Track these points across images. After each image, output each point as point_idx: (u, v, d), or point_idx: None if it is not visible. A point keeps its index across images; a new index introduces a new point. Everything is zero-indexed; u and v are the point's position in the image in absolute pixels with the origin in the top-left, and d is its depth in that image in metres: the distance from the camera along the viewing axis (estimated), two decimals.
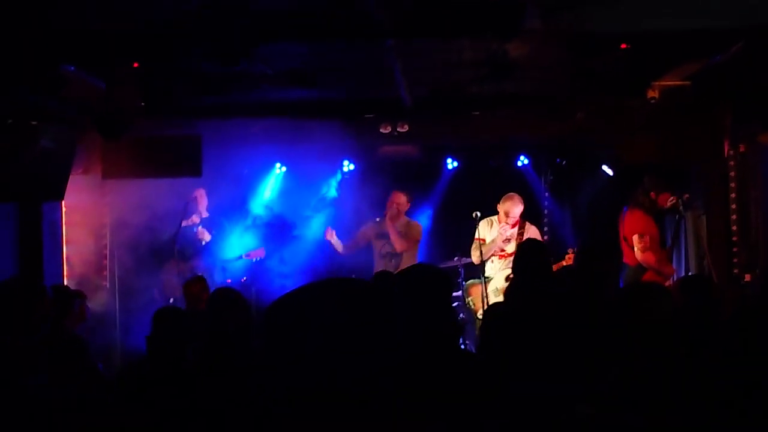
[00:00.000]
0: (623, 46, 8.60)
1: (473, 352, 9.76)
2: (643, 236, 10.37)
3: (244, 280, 12.22)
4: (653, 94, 10.20)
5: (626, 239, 10.42)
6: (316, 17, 7.63)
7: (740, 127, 10.95)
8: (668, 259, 10.93)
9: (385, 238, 11.66)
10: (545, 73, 10.02)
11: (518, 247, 8.60)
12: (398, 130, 11.69)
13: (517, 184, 13.24)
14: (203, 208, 12.06)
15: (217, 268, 11.92)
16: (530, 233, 11.14)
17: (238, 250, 12.37)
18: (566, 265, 10.62)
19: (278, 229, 13.12)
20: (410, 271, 5.20)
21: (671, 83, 10.24)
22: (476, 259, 11.10)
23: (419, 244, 11.53)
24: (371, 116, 11.75)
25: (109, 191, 12.13)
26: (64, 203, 11.35)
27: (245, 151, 12.19)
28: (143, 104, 9.48)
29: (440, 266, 10.41)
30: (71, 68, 8.73)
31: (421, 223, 12.04)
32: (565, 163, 13.27)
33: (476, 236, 11.18)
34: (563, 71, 9.99)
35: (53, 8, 7.36)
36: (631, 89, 10.19)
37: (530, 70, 9.49)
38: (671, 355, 4.45)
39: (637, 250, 10.16)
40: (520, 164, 13.46)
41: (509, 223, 11.10)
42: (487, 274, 11.23)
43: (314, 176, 13.35)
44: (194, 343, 6.42)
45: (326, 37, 8.10)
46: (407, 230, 11.53)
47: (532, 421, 4.35)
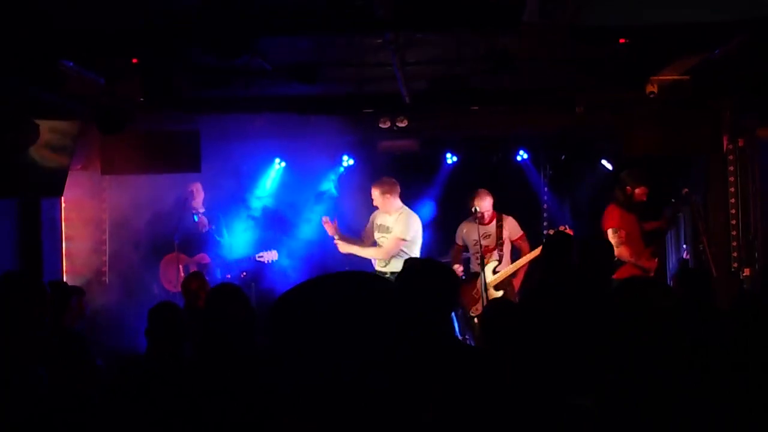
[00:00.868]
0: (622, 40, 8.60)
1: (473, 345, 9.78)
2: (617, 231, 10.63)
3: (243, 275, 12.21)
4: (652, 88, 10.20)
5: (604, 234, 10.55)
6: (315, 11, 7.63)
7: (739, 121, 10.97)
8: (652, 253, 11.01)
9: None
10: (544, 67, 10.01)
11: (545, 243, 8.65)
12: (397, 124, 11.68)
13: (516, 178, 13.27)
14: (199, 202, 12.05)
15: (218, 263, 11.91)
16: (508, 224, 11.43)
17: (244, 248, 12.37)
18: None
19: (277, 223, 13.13)
20: (417, 264, 5.19)
21: (670, 77, 10.24)
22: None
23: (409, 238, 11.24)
24: (370, 111, 11.74)
25: (108, 187, 12.14)
26: (63, 199, 11.37)
27: (245, 145, 12.20)
28: (142, 99, 9.46)
29: (440, 260, 10.45)
30: (70, 63, 8.72)
31: (421, 217, 11.94)
32: (564, 157, 13.28)
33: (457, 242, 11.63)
34: (562, 65, 10.00)
35: (53, 3, 7.35)
36: (630, 83, 10.19)
37: (529, 64, 9.49)
38: (668, 348, 4.45)
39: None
40: (519, 159, 13.45)
41: (484, 216, 11.27)
42: (473, 270, 11.32)
43: (313, 171, 13.36)
44: (193, 339, 6.42)
45: (325, 30, 8.09)
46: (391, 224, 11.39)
47: (534, 412, 4.36)
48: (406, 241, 10.75)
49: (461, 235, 11.47)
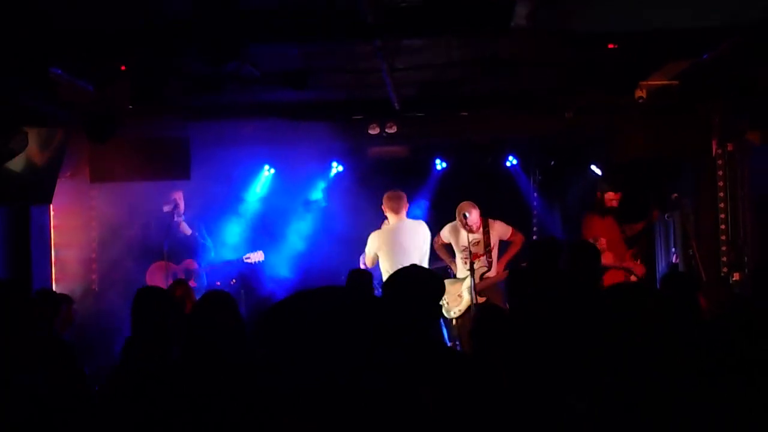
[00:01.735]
0: (610, 45, 8.61)
1: (462, 351, 9.78)
2: (596, 239, 10.62)
3: (233, 282, 12.21)
4: (641, 93, 10.23)
5: None
6: (304, 17, 7.63)
7: (728, 125, 10.98)
8: (633, 254, 11.06)
9: None
10: (534, 72, 10.02)
11: (531, 248, 8.63)
12: (387, 130, 11.67)
13: (505, 183, 13.27)
14: (181, 209, 12.03)
15: (205, 269, 11.90)
16: (495, 228, 11.34)
17: (232, 252, 12.36)
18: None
19: (265, 229, 13.12)
20: (403, 272, 5.19)
21: (659, 82, 10.27)
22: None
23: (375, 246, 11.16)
24: (360, 117, 11.73)
25: (97, 194, 12.11)
26: (52, 207, 11.33)
27: (234, 152, 12.18)
28: (131, 106, 9.45)
29: (429, 267, 10.46)
30: (59, 71, 8.70)
31: None
32: (553, 163, 13.29)
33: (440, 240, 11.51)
34: (551, 71, 10.01)
35: (42, 9, 7.33)
36: (619, 88, 10.19)
37: (519, 69, 9.49)
38: (660, 351, 4.45)
39: None
40: (508, 164, 13.46)
41: (471, 227, 11.14)
42: (459, 276, 11.28)
43: (303, 178, 13.35)
44: (180, 344, 6.39)
45: (314, 37, 8.08)
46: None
47: (528, 416, 4.35)
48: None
49: (446, 235, 11.42)
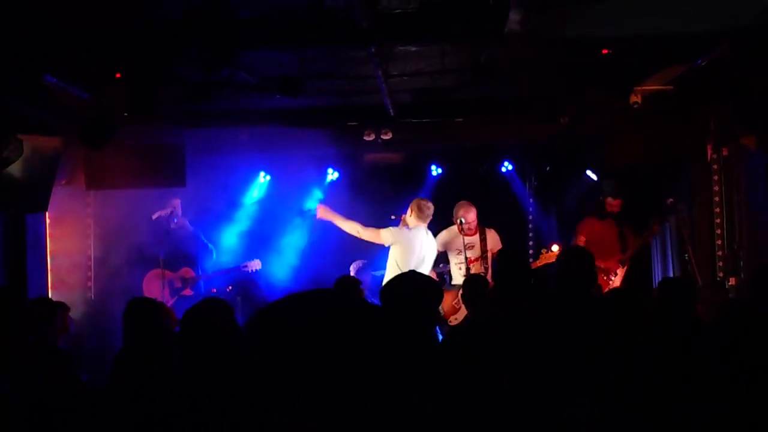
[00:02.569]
0: (605, 51, 8.62)
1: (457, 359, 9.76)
2: (577, 236, 11.42)
3: (229, 289, 12.20)
4: (636, 99, 10.24)
5: None
6: (297, 24, 7.63)
7: (724, 130, 10.99)
8: (623, 263, 11.14)
9: None
10: (528, 78, 10.03)
11: (497, 255, 8.60)
12: (382, 137, 11.69)
13: (501, 189, 13.27)
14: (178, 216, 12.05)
15: (203, 278, 11.90)
16: (491, 237, 11.24)
17: (229, 260, 12.38)
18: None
19: (261, 235, 13.12)
20: (400, 277, 5.20)
21: (654, 87, 10.28)
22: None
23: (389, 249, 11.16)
24: (355, 124, 11.74)
25: (93, 201, 12.11)
26: (48, 214, 11.31)
27: (230, 159, 12.18)
28: (126, 114, 9.45)
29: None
30: (54, 79, 8.69)
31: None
32: (549, 168, 13.30)
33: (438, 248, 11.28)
34: (546, 77, 10.01)
35: (36, 17, 7.33)
36: (614, 93, 10.20)
37: (513, 75, 9.49)
38: (654, 354, 4.45)
39: None
40: (504, 170, 13.46)
41: (466, 230, 11.04)
42: (454, 282, 11.25)
43: (299, 184, 13.33)
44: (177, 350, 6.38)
45: (308, 44, 8.09)
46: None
47: (525, 420, 4.34)
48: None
49: (442, 242, 11.37)
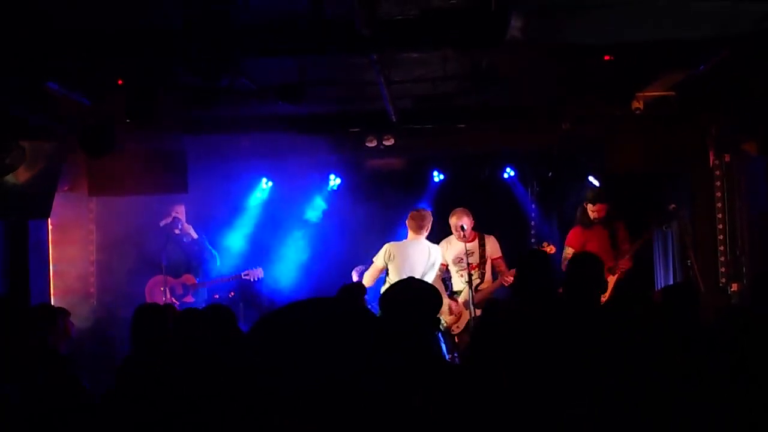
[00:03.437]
0: (606, 57, 8.63)
1: (458, 364, 9.76)
2: (565, 249, 11.37)
3: (231, 295, 12.22)
4: (638, 104, 10.24)
5: None
6: (297, 31, 7.64)
7: (725, 136, 10.98)
8: (613, 270, 11.11)
9: None
10: (530, 84, 10.03)
11: (519, 258, 8.55)
12: (384, 143, 11.71)
13: (503, 195, 13.28)
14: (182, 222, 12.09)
15: (206, 285, 11.92)
16: (490, 244, 11.26)
17: (230, 264, 12.40)
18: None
19: (263, 243, 13.13)
20: (401, 284, 5.21)
21: (655, 93, 10.28)
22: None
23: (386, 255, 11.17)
24: (357, 130, 11.76)
25: (95, 208, 12.12)
26: (50, 221, 11.32)
27: (232, 165, 12.19)
28: (128, 120, 9.47)
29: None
30: (55, 85, 8.71)
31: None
32: (551, 174, 13.28)
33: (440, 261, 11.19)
34: (548, 83, 10.02)
35: (36, 24, 7.35)
36: (616, 99, 10.20)
37: (514, 81, 9.51)
38: (652, 358, 4.46)
39: None
40: (506, 176, 13.46)
41: (463, 236, 11.03)
42: (455, 288, 11.25)
43: (301, 191, 13.35)
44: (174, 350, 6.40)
45: (308, 51, 8.10)
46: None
47: (525, 424, 4.35)
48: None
49: (443, 253, 11.32)
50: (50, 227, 11.50)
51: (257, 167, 12.84)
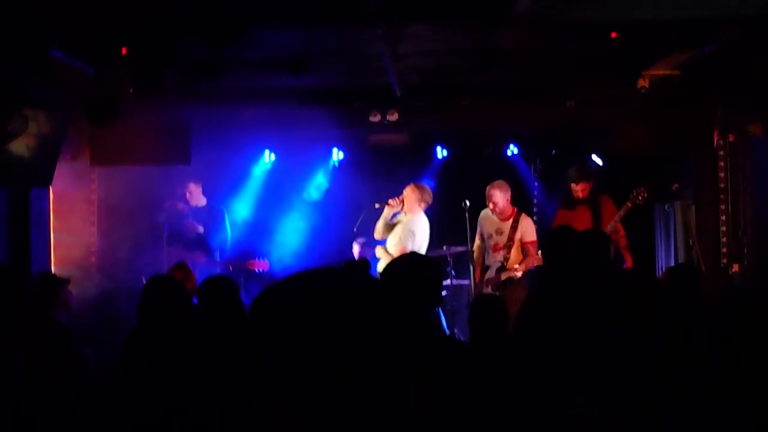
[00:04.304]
0: (613, 34, 8.58)
1: (462, 340, 9.77)
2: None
3: (231, 268, 12.16)
4: (643, 83, 10.18)
5: None
6: (305, 4, 7.60)
7: (730, 116, 10.96)
8: None
9: None
10: (535, 61, 10.00)
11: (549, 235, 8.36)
12: (388, 118, 11.67)
13: (506, 173, 13.22)
14: (198, 199, 12.06)
15: (210, 259, 11.89)
16: (523, 226, 10.78)
17: (233, 236, 12.42)
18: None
19: (266, 216, 13.13)
20: (402, 259, 5.22)
21: (661, 72, 10.23)
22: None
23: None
24: (361, 104, 11.72)
25: (97, 177, 12.09)
26: (51, 190, 11.29)
27: (235, 138, 12.16)
28: (132, 90, 9.43)
29: (428, 255, 10.41)
30: (59, 54, 8.67)
31: None
32: (555, 152, 13.26)
33: (478, 230, 11.05)
34: (553, 60, 9.98)
35: None
36: (621, 78, 10.15)
37: (520, 58, 9.47)
38: (658, 341, 4.45)
39: None
40: (509, 153, 13.43)
41: (497, 211, 10.74)
42: (486, 263, 11.00)
43: (304, 165, 13.33)
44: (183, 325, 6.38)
45: (315, 23, 8.06)
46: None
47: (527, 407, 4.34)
48: None
49: (480, 223, 11.05)
50: (52, 197, 11.46)
51: (261, 139, 12.79)
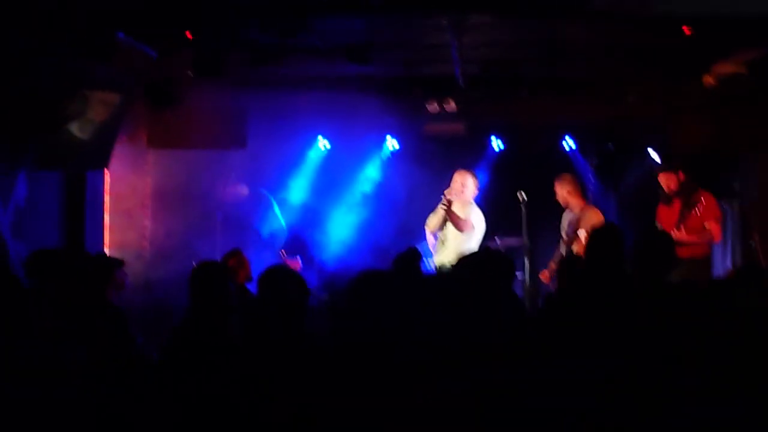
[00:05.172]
0: (687, 31, 8.43)
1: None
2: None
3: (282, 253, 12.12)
4: (710, 80, 10.04)
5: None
6: None
7: None
8: None
9: None
10: (600, 55, 9.87)
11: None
12: (445, 108, 11.59)
13: (562, 166, 13.10)
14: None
15: (259, 243, 11.90)
16: (585, 220, 10.43)
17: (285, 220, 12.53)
18: None
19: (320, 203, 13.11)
20: (478, 254, 5.26)
21: (728, 70, 10.07)
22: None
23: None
24: (419, 93, 11.65)
25: (152, 160, 12.08)
26: (107, 172, 11.29)
27: (291, 123, 12.14)
28: (193, 74, 9.41)
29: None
30: (122, 36, 8.65)
31: None
32: (612, 146, 13.11)
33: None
34: (617, 53, 9.85)
35: None
36: (686, 74, 10.01)
37: (586, 51, 9.36)
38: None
39: None
40: (566, 147, 13.30)
41: (562, 204, 10.76)
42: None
43: (359, 152, 13.27)
44: (236, 316, 6.32)
45: (382, 11, 7.99)
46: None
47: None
48: None
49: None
50: (107, 178, 11.45)
51: (316, 126, 12.78)
